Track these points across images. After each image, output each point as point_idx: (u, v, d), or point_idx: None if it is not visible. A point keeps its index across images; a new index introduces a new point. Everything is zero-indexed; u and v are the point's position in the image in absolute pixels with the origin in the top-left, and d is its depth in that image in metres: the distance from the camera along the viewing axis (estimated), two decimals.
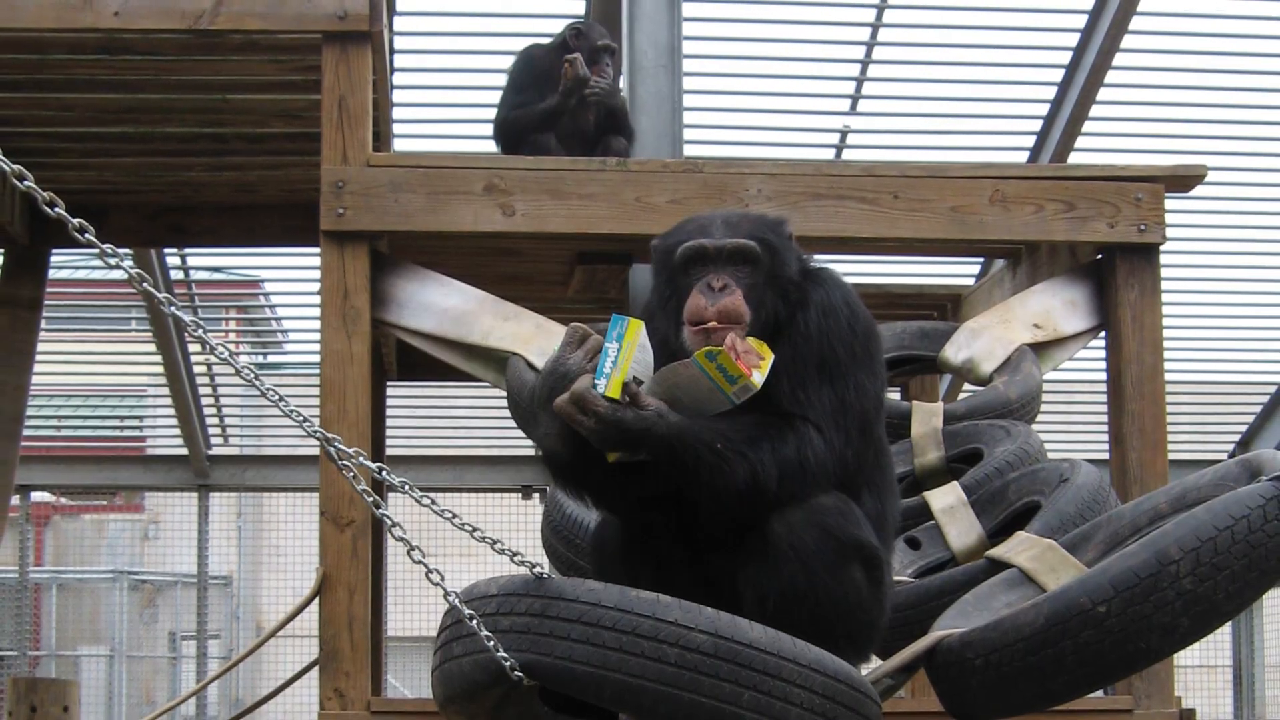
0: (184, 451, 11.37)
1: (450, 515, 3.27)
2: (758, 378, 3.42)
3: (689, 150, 7.23)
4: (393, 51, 7.43)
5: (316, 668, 4.88)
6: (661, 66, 6.61)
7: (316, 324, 5.08)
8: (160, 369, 10.80)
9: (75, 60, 5.61)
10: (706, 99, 9.71)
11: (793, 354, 3.59)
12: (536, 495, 11.47)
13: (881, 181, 5.24)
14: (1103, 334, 5.42)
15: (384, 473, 3.24)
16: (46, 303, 7.13)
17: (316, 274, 5.21)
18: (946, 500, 4.76)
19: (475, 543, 3.24)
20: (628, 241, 5.37)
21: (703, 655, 3.13)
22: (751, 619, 3.25)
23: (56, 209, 2.81)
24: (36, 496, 12.87)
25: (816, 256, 3.90)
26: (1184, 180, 5.37)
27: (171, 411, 11.15)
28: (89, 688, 13.17)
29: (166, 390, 10.98)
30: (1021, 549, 4.08)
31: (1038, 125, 9.94)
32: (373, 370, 5.17)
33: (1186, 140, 10.08)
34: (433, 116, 10.20)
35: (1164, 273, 5.36)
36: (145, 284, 2.92)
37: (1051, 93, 9.77)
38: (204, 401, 11.29)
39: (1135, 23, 9.33)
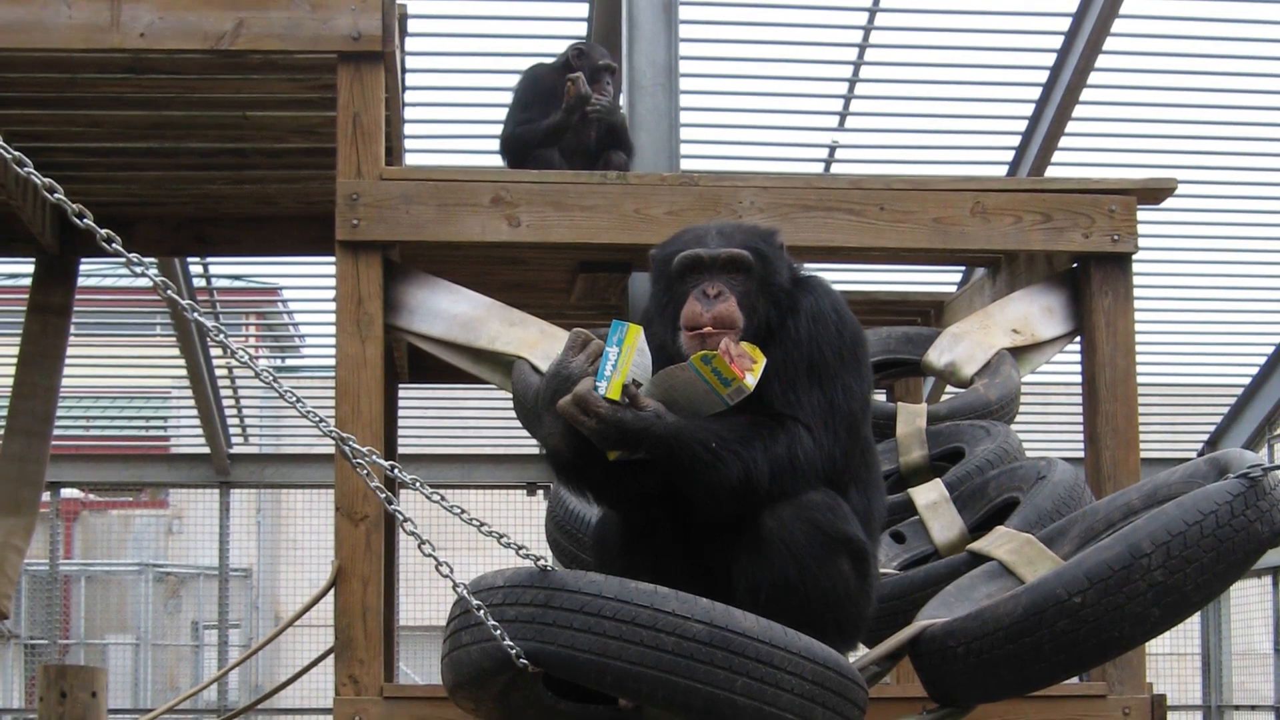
0: (206, 450, 11.36)
1: (459, 511, 3.27)
2: (750, 380, 3.42)
3: (685, 164, 7.22)
4: (404, 70, 7.43)
5: (332, 655, 4.88)
6: (659, 85, 6.60)
7: (332, 329, 5.07)
8: (184, 372, 10.80)
9: (103, 79, 5.61)
10: (702, 116, 9.72)
11: (784, 358, 3.59)
12: (541, 492, 11.47)
13: (868, 194, 5.23)
14: (1078, 339, 5.42)
15: (396, 470, 3.24)
16: (75, 309, 7.11)
17: (332, 282, 5.20)
18: (930, 496, 4.76)
19: (482, 537, 3.24)
20: (627, 251, 5.37)
21: (698, 644, 3.13)
22: (745, 610, 3.25)
23: (85, 220, 2.81)
24: (66, 493, 12.86)
25: (806, 265, 3.90)
26: (1155, 193, 5.36)
27: (194, 412, 11.15)
28: (116, 674, 13.16)
29: (190, 392, 10.98)
30: (1001, 543, 4.08)
31: (1016, 140, 9.95)
32: (385, 373, 5.16)
33: (1158, 155, 10.09)
34: (442, 132, 10.20)
35: (1136, 280, 5.35)
36: (169, 291, 2.93)
37: (1029, 109, 9.78)
38: (225, 403, 11.28)
39: (1109, 43, 9.35)
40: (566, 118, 6.44)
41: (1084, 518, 3.92)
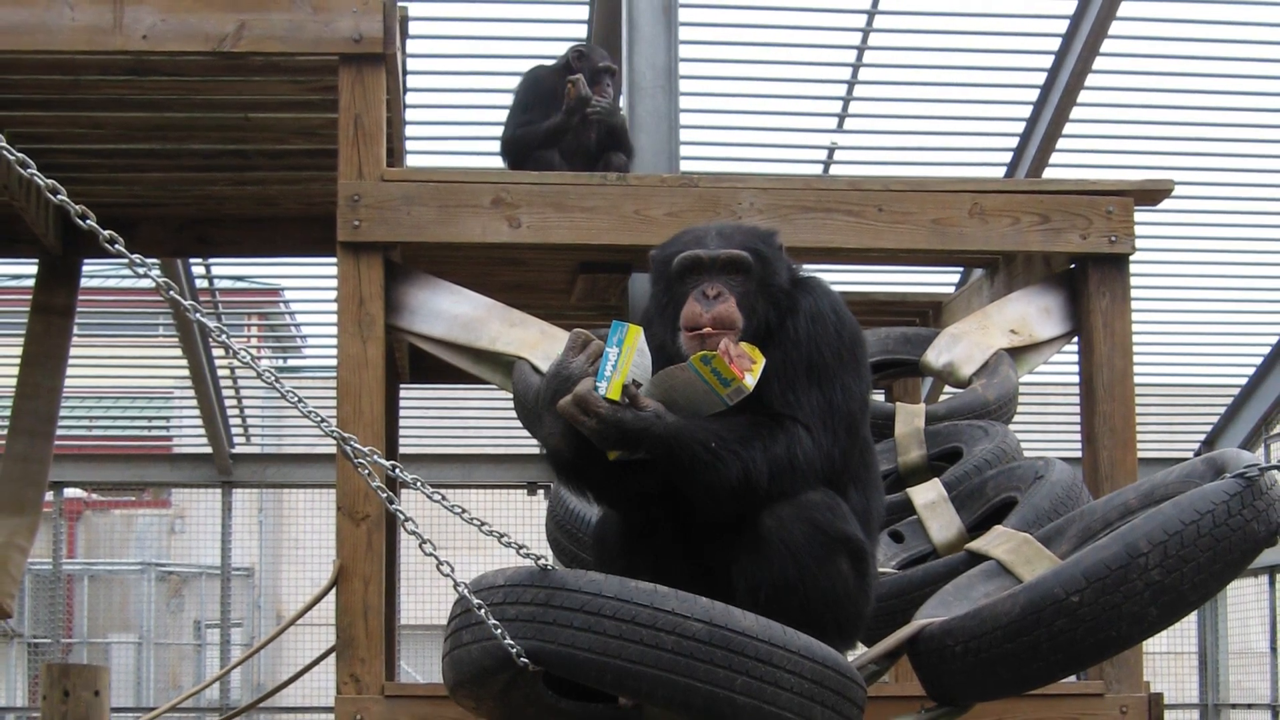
0: (208, 450, 11.37)
1: (460, 510, 3.27)
2: (750, 380, 3.42)
3: (685, 166, 7.23)
4: (405, 72, 7.42)
5: (333, 654, 4.87)
6: (659, 87, 6.61)
7: (333, 330, 5.07)
8: (186, 372, 10.80)
9: (106, 81, 5.61)
10: (702, 117, 9.73)
11: (783, 358, 3.59)
12: (541, 491, 11.47)
13: (867, 195, 5.23)
14: (1076, 339, 5.42)
15: (397, 470, 3.24)
16: (78, 309, 7.11)
17: (334, 282, 5.20)
18: (928, 496, 4.76)
19: (483, 536, 3.24)
20: (627, 252, 5.37)
21: (698, 642, 3.13)
22: (744, 609, 3.25)
23: (88, 221, 2.81)
24: (69, 493, 12.87)
25: (805, 266, 3.90)
26: (1152, 194, 5.36)
27: (196, 412, 11.16)
28: (118, 673, 13.16)
29: (192, 392, 10.98)
30: (999, 542, 4.08)
31: (1014, 142, 9.95)
32: (386, 373, 5.16)
33: (1155, 156, 10.10)
34: (443, 134, 10.21)
35: (1133, 281, 5.35)
36: (172, 292, 2.93)
37: (1027, 111, 9.79)
38: (227, 403, 11.29)
39: (1106, 45, 9.36)
40: (567, 119, 6.44)
41: (1081, 517, 3.92)
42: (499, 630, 3.14)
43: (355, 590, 4.84)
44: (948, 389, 5.87)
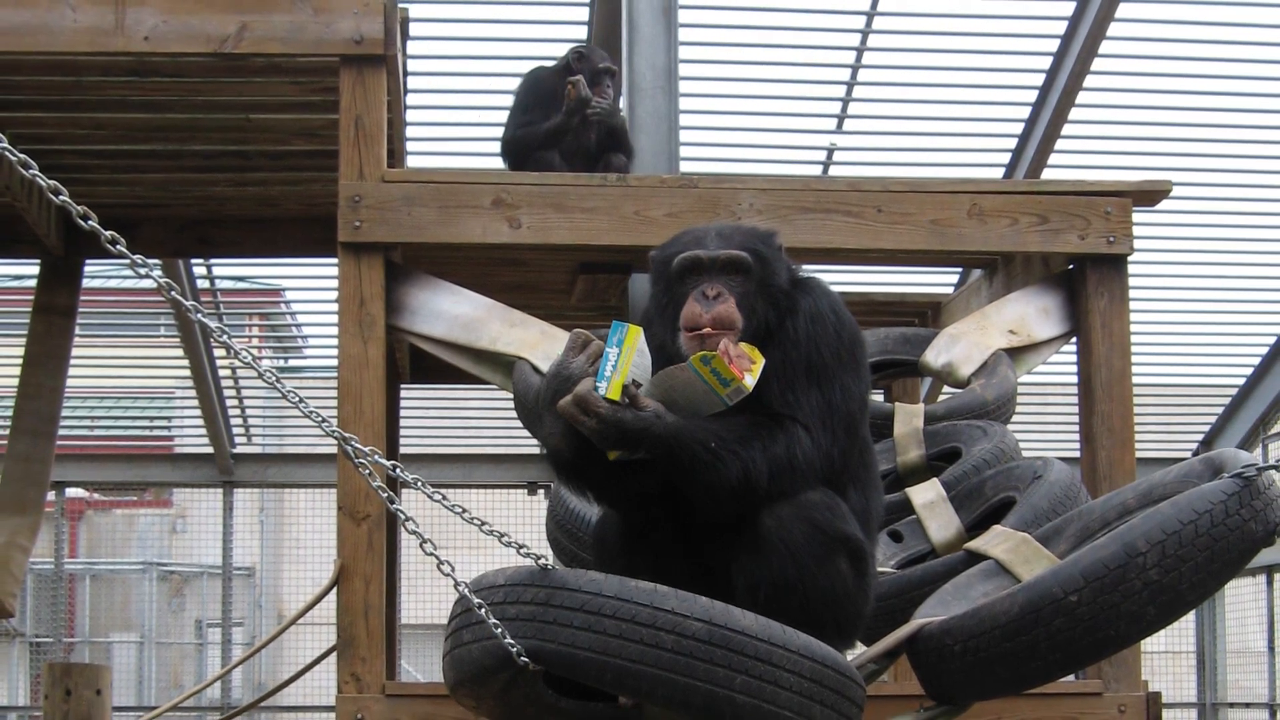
0: (209, 450, 11.37)
1: (460, 510, 3.27)
2: (749, 381, 3.43)
3: (685, 166, 7.22)
4: (406, 73, 7.43)
5: (334, 653, 4.87)
6: (659, 88, 6.60)
7: (334, 330, 5.07)
8: (187, 372, 10.80)
9: (107, 82, 5.61)
10: (702, 118, 9.73)
11: (783, 358, 3.59)
12: (541, 491, 11.47)
13: (866, 196, 5.23)
14: (1074, 339, 5.42)
15: (397, 470, 3.24)
16: (80, 310, 7.11)
17: (334, 283, 5.20)
18: (927, 496, 4.76)
19: (484, 536, 3.24)
20: (627, 252, 5.37)
21: (698, 642, 3.14)
22: (744, 608, 3.25)
23: (90, 222, 2.81)
24: (71, 492, 12.87)
25: (805, 266, 3.90)
26: (1150, 195, 5.37)
27: (198, 412, 11.16)
28: (120, 672, 13.16)
29: (193, 392, 10.98)
30: (998, 542, 4.08)
31: (1013, 143, 9.95)
32: (387, 373, 5.16)
33: (1153, 157, 10.10)
34: (444, 135, 10.20)
35: (1131, 281, 5.35)
36: (173, 292, 2.93)
37: (1026, 112, 9.78)
38: (228, 403, 11.29)
39: (1105, 46, 9.36)
40: (567, 120, 6.44)
41: (1080, 517, 3.92)
42: (499, 629, 3.14)
43: (356, 590, 4.84)
44: (946, 389, 5.87)
